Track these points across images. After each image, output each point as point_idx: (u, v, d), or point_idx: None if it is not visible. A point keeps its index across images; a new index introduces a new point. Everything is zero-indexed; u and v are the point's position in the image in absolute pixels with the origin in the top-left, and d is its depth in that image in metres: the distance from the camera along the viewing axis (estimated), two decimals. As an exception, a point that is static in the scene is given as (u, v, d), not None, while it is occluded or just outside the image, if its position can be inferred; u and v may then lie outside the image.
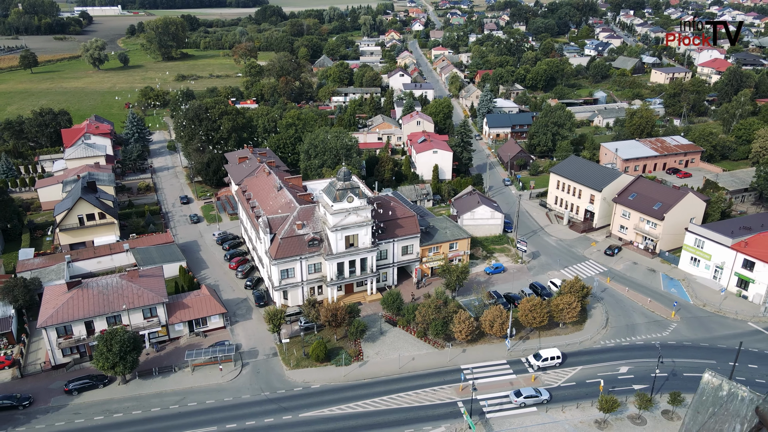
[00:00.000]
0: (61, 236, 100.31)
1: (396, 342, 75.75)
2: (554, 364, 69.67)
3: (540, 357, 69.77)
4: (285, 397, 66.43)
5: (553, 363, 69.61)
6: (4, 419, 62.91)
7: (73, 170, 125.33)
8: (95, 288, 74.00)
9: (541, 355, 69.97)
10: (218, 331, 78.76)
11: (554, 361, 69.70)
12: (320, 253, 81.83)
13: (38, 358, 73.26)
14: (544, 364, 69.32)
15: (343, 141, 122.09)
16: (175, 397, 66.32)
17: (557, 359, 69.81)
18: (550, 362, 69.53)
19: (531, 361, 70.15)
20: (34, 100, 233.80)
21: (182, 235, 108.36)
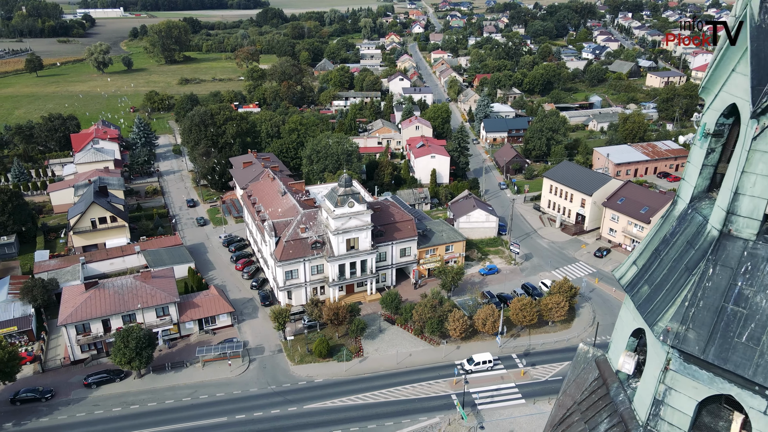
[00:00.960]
0: (74, 239, 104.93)
1: (394, 339, 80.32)
2: (486, 368, 72.63)
3: (473, 361, 72.93)
4: (290, 390, 71.02)
5: (485, 367, 72.58)
6: (28, 411, 67.51)
7: (83, 174, 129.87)
8: (111, 288, 78.62)
9: (474, 359, 73.09)
10: (226, 329, 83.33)
11: (487, 365, 72.74)
12: (322, 256, 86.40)
13: (57, 354, 77.84)
14: (477, 368, 72.39)
15: (344, 146, 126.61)
16: (187, 390, 70.90)
17: (489, 363, 72.98)
18: (482, 366, 72.55)
19: (465, 364, 73.02)
20: (41, 104, 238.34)
21: (190, 238, 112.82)
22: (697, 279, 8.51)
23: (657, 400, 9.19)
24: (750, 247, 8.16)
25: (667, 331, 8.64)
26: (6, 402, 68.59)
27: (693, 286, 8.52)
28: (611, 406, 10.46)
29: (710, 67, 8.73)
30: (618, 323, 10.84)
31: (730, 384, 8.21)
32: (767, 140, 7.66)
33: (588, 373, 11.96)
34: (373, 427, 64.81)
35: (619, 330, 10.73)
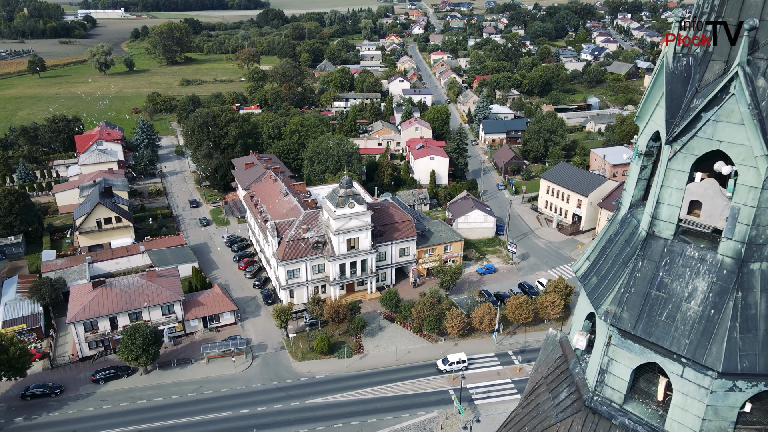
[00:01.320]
0: (80, 238, 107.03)
1: (393, 337, 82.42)
2: (461, 367, 74.18)
3: (447, 361, 74.70)
4: (292, 386, 73.12)
5: (459, 366, 74.18)
6: (38, 406, 69.62)
7: (88, 175, 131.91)
8: (118, 287, 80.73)
9: (448, 359, 74.87)
10: (230, 326, 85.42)
11: (461, 364, 74.36)
12: (324, 255, 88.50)
13: (66, 351, 79.93)
14: (451, 368, 74.23)
15: (344, 148, 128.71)
16: (192, 386, 73.00)
17: (463, 363, 74.62)
18: (456, 365, 74.30)
19: (439, 365, 74.80)
20: (44, 105, 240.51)
21: (193, 238, 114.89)
22: (630, 270, 10.60)
23: (602, 370, 11.29)
24: (668, 245, 10.25)
25: (607, 312, 10.74)
26: (17, 397, 70.71)
27: (627, 276, 10.61)
28: (570, 378, 12.57)
29: (642, 100, 10.81)
30: (576, 309, 12.93)
31: (655, 354, 10.30)
32: (679, 161, 9.75)
33: (554, 353, 14.05)
34: (372, 422, 66.89)
35: (577, 314, 12.82)
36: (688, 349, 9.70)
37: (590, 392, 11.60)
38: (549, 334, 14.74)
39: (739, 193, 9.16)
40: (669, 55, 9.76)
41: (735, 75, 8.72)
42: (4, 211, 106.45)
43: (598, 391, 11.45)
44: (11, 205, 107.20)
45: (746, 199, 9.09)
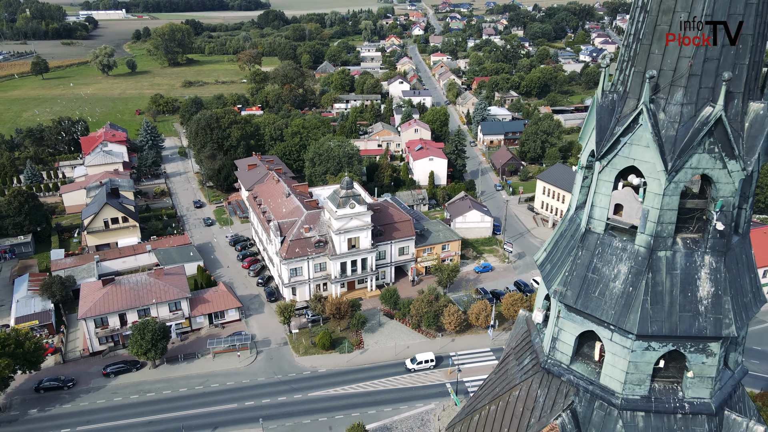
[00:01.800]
0: (88, 238, 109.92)
1: (393, 332, 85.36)
2: (429, 366, 76.99)
3: (416, 360, 77.15)
4: (295, 379, 76.06)
5: (427, 365, 76.94)
6: (52, 398, 72.55)
7: (94, 176, 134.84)
8: (127, 284, 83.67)
9: (417, 358, 77.37)
10: (234, 323, 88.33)
11: (429, 363, 77.03)
12: (325, 254, 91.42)
13: (77, 347, 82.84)
14: (419, 367, 76.84)
15: (345, 149, 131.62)
16: (199, 379, 75.93)
17: (431, 362, 77.20)
18: (424, 365, 76.90)
19: (407, 364, 77.29)
20: (48, 106, 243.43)
21: (197, 237, 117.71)
22: (573, 258, 13.52)
23: (554, 338, 14.21)
24: (600, 238, 13.17)
25: (556, 291, 13.65)
26: (30, 390, 73.64)
27: (571, 262, 13.53)
28: (531, 347, 15.51)
29: (583, 125, 13.71)
30: (537, 291, 15.83)
31: (591, 323, 13.23)
32: (606, 174, 12.66)
33: (522, 328, 17.00)
34: (372, 413, 69.81)
35: (538, 296, 15.72)
36: (614, 317, 12.63)
37: (545, 356, 14.53)
38: (520, 314, 17.66)
39: (647, 199, 12.08)
40: (599, 93, 12.69)
41: (642, 110, 11.62)
42: (14, 211, 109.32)
43: (551, 356, 14.38)
44: (21, 205, 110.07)
45: (653, 203, 12.00)
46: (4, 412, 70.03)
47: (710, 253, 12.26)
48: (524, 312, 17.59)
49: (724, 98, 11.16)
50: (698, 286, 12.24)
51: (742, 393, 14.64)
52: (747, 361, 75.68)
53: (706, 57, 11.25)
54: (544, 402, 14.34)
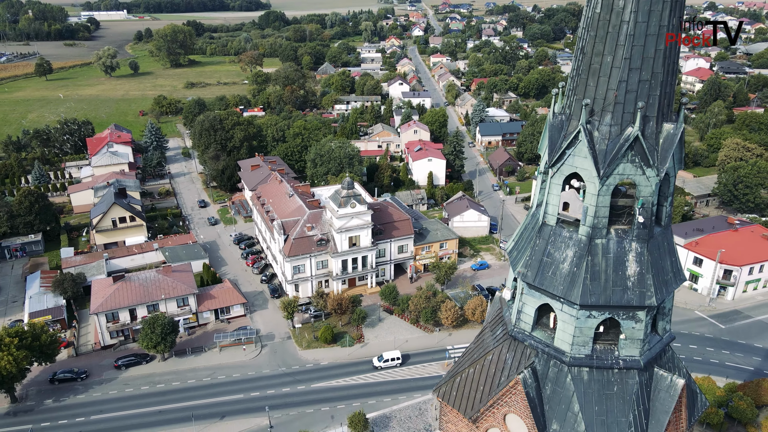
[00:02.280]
0: (96, 236, 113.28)
1: (392, 327, 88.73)
2: (395, 364, 79.42)
3: (382, 358, 79.72)
4: (299, 371, 79.42)
5: (394, 363, 79.40)
6: (66, 389, 75.92)
7: (101, 177, 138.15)
8: (137, 281, 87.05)
9: (383, 356, 79.70)
10: (240, 318, 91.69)
11: (395, 361, 79.53)
12: (327, 252, 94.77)
13: (88, 341, 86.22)
14: (386, 365, 79.21)
15: (346, 150, 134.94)
16: (206, 371, 79.29)
17: (398, 360, 79.90)
18: (391, 362, 79.44)
19: (374, 362, 79.68)
20: (52, 107, 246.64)
21: (202, 236, 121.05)
22: (532, 245, 16.85)
23: (519, 311, 17.55)
24: (553, 230, 16.52)
25: (519, 272, 16.99)
26: (46, 381, 76.99)
27: (530, 249, 16.86)
28: (502, 320, 18.87)
29: (541, 138, 17.03)
30: (509, 274, 19.17)
31: (546, 297, 16.55)
32: (556, 178, 16.00)
33: (497, 306, 20.37)
34: (372, 403, 73.15)
35: (508, 278, 19.05)
36: (563, 291, 15.97)
37: (512, 326, 17.89)
38: (496, 295, 21.01)
39: (586, 198, 15.42)
40: (550, 115, 16.02)
41: (581, 129, 14.95)
42: (25, 210, 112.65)
43: (517, 325, 17.74)
44: (31, 205, 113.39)
45: (590, 201, 15.34)
46: (21, 402, 73.37)
47: (636, 240, 15.58)
48: (499, 292, 20.94)
49: (640, 121, 14.47)
50: (627, 267, 15.55)
51: (671, 355, 17.99)
52: (732, 354, 79.14)
53: (627, 89, 14.54)
54: (511, 363, 17.69)
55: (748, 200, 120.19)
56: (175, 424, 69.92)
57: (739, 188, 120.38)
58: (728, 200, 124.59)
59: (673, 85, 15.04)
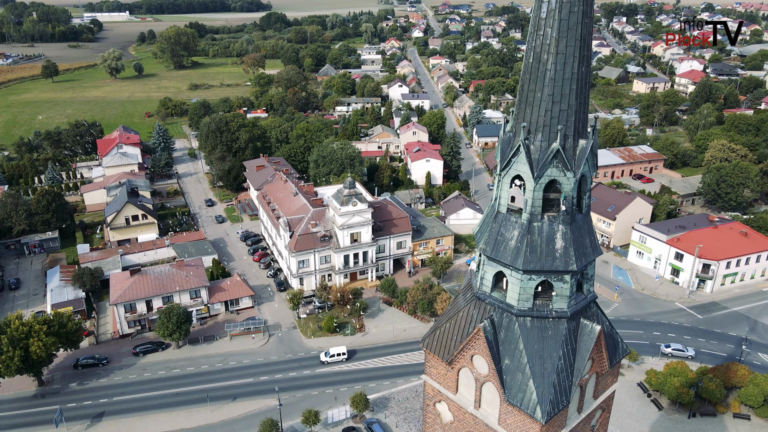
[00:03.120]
0: (110, 233, 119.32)
1: (391, 318, 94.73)
2: (341, 359, 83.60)
3: (329, 354, 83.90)
4: (304, 358, 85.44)
5: (340, 359, 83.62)
6: (89, 374, 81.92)
7: (112, 177, 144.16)
8: (152, 274, 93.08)
9: (330, 352, 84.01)
10: (248, 309, 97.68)
11: (341, 356, 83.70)
12: (330, 247, 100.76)
13: (107, 330, 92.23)
14: (332, 360, 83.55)
15: (347, 152, 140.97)
16: (218, 358, 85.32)
17: (343, 355, 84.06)
18: (337, 358, 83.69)
19: (321, 357, 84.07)
20: (60, 109, 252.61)
21: (210, 233, 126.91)
22: (490, 228, 22.82)
23: (481, 277, 23.55)
24: (504, 216, 22.48)
25: (481, 248, 22.98)
26: (70, 366, 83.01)
27: (488, 230, 22.83)
28: (470, 286, 24.87)
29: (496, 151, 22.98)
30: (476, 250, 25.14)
31: (500, 265, 22.54)
32: (506, 179, 21.95)
33: (468, 276, 26.45)
34: (372, 386, 79.13)
35: (476, 255, 25.03)
36: (511, 261, 21.92)
37: (477, 289, 23.89)
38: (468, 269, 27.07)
39: (526, 193, 21.40)
40: (501, 133, 22.00)
41: (520, 145, 20.94)
42: (42, 209, 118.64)
43: (480, 288, 23.73)
44: (48, 204, 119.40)
45: (529, 195, 21.32)
46: (47, 386, 79.37)
47: (562, 223, 21.48)
48: (468, 266, 26.92)
49: (561, 138, 20.36)
50: (555, 242, 21.43)
51: (595, 311, 23.95)
52: (707, 341, 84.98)
53: (552, 116, 20.37)
54: (476, 317, 23.65)
55: (731, 199, 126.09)
56: (191, 404, 75.92)
57: (722, 187, 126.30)
58: (712, 199, 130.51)
59: (585, 113, 20.92)
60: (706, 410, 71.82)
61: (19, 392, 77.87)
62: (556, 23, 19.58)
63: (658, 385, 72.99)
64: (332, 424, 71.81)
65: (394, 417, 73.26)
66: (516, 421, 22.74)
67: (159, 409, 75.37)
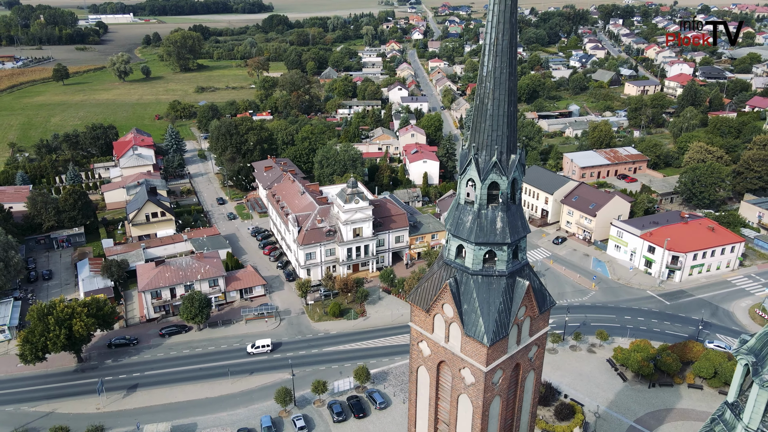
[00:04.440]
0: (132, 229, 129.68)
1: (389, 304, 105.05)
2: (266, 350, 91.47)
3: (255, 345, 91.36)
4: (312, 339, 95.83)
5: (265, 350, 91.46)
6: (122, 352, 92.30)
7: (129, 177, 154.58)
8: (175, 265, 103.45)
9: (256, 344, 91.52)
10: (260, 297, 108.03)
11: (266, 348, 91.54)
12: (334, 241, 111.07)
13: (135, 315, 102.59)
14: (257, 351, 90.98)
15: (349, 153, 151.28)
16: (236, 338, 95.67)
17: (268, 347, 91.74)
18: (261, 349, 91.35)
19: (248, 348, 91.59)
20: (73, 112, 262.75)
21: (223, 229, 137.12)
22: (454, 215, 33.09)
23: (448, 249, 33.90)
24: (462, 206, 32.75)
25: (448, 228, 33.30)
26: (104, 346, 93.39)
27: (452, 216, 33.11)
28: (441, 256, 35.29)
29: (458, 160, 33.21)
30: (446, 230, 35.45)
31: (460, 240, 32.86)
32: (463, 181, 32.19)
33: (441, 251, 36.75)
34: (373, 362, 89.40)
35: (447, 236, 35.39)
36: (467, 236, 32.22)
37: (445, 258, 34.27)
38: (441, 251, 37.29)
39: (476, 191, 31.69)
40: (459, 149, 32.24)
41: (471, 158, 31.21)
42: (69, 207, 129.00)
43: (447, 257, 34.10)
44: (75, 202, 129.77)
45: (478, 193, 31.62)
46: (85, 362, 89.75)
47: (500, 211, 31.71)
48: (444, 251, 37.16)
49: (498, 154, 30.60)
50: (496, 224, 31.61)
51: (528, 272, 34.17)
52: (672, 324, 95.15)
53: (492, 139, 30.49)
54: (445, 276, 33.94)
55: (704, 197, 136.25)
56: (214, 378, 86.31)
57: (696, 187, 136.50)
58: (688, 197, 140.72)
59: (515, 137, 31.11)
60: (664, 381, 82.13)
61: (62, 368, 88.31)
62: (492, 80, 29.85)
63: (623, 360, 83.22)
64: (338, 393, 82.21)
65: (392, 387, 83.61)
66: (472, 348, 33.02)
67: (185, 381, 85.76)
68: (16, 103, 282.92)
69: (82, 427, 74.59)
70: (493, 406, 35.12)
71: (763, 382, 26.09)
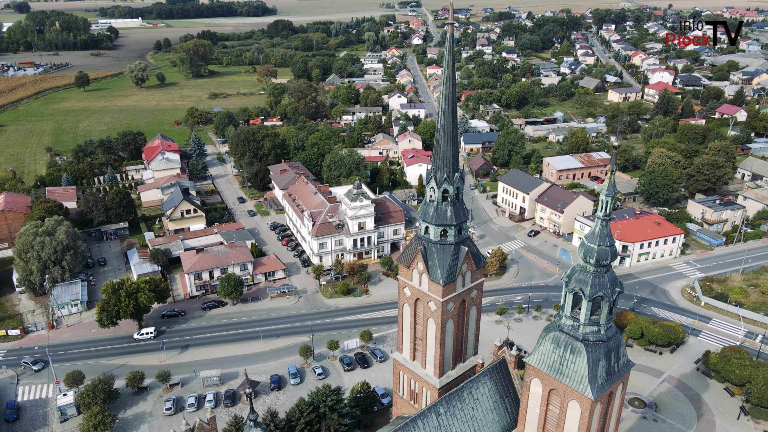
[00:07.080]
0: (169, 224, 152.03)
1: (389, 285, 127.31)
2: (150, 337, 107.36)
3: (141, 333, 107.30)
4: (326, 311, 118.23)
5: (148, 336, 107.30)
6: (172, 322, 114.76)
7: (161, 179, 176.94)
8: (212, 252, 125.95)
9: (141, 332, 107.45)
10: (281, 279, 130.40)
11: (149, 335, 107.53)
12: (343, 233, 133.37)
13: (178, 293, 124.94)
14: (142, 337, 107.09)
15: (354, 158, 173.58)
16: (264, 311, 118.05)
17: (152, 334, 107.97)
18: (146, 335, 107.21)
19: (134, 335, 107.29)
20: (98, 117, 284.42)
21: (245, 224, 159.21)
22: (423, 207, 55.41)
23: (420, 228, 56.37)
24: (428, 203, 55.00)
25: (420, 215, 55.71)
26: (158, 317, 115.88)
27: (423, 209, 55.41)
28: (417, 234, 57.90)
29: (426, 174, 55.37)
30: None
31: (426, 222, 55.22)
32: (428, 187, 54.46)
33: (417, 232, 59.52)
34: (375, 328, 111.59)
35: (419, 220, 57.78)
36: (430, 220, 54.52)
37: (419, 234, 56.78)
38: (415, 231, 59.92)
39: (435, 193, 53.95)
40: (428, 169, 54.58)
41: (432, 174, 53.45)
42: (116, 204, 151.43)
43: (419, 233, 56.57)
44: (120, 200, 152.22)
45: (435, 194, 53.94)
46: (145, 328, 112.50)
47: (450, 205, 53.51)
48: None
49: (447, 172, 52.56)
50: (447, 212, 53.32)
51: (469, 242, 56.16)
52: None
53: (444, 163, 52.34)
54: (417, 246, 56.19)
55: (660, 197, 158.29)
56: (248, 340, 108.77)
57: (652, 187, 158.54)
58: (647, 197, 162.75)
59: (457, 161, 53.19)
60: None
61: (128, 332, 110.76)
62: (443, 131, 52.10)
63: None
64: (348, 350, 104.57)
65: (389, 347, 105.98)
66: (434, 288, 55.18)
67: (225, 343, 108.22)
68: (44, 109, 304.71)
69: (151, 374, 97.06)
70: (449, 326, 57.43)
71: (569, 289, 48.09)
